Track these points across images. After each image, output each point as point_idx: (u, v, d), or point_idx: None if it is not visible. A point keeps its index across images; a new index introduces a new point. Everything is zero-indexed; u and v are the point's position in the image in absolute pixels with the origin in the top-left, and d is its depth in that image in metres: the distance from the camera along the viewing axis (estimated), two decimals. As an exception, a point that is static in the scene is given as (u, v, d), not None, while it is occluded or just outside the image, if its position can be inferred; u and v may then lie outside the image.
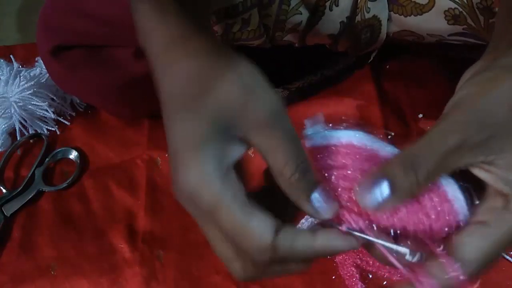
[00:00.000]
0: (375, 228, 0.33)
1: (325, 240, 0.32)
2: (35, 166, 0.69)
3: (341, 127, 0.34)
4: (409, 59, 0.74)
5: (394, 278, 0.52)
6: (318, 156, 0.34)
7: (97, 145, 0.72)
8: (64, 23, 0.59)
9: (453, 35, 0.55)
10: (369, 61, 0.71)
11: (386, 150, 0.34)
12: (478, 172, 0.31)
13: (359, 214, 0.33)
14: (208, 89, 0.31)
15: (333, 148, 0.34)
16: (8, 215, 0.66)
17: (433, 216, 0.32)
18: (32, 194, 0.67)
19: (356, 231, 0.33)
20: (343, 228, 0.33)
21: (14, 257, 0.63)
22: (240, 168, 0.34)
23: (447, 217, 0.32)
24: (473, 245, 0.31)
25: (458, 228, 0.32)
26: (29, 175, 0.68)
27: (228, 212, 0.30)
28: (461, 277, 0.30)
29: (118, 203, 0.66)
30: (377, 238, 0.32)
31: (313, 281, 0.57)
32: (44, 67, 0.73)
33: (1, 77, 0.73)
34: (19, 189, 0.67)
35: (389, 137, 0.35)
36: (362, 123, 0.34)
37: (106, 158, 0.71)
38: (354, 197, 0.32)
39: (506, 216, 0.30)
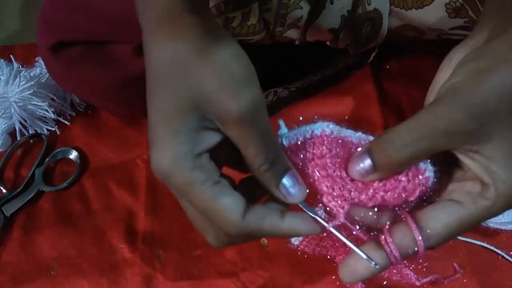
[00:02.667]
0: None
1: (291, 224, 0.34)
2: (35, 166, 0.69)
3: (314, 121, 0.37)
4: (409, 59, 0.74)
5: (394, 278, 0.52)
6: (297, 152, 0.37)
7: (97, 145, 0.72)
8: (64, 19, 0.59)
9: (454, 28, 0.55)
10: (369, 60, 0.71)
11: (357, 136, 0.37)
12: (462, 158, 0.33)
13: (339, 196, 0.35)
14: (189, 76, 0.32)
15: (309, 141, 0.36)
16: (8, 215, 0.66)
17: (408, 188, 0.35)
18: (32, 194, 0.67)
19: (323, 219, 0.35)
20: (329, 226, 0.35)
21: (14, 257, 0.63)
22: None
23: (419, 191, 0.35)
24: (441, 220, 0.33)
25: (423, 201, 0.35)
26: (29, 175, 0.68)
27: (198, 192, 0.32)
28: (420, 246, 0.33)
29: (118, 203, 0.66)
30: (342, 234, 0.35)
31: (313, 281, 0.57)
32: (44, 67, 0.73)
33: (1, 77, 0.72)
34: (19, 189, 0.67)
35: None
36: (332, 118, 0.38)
37: (106, 158, 0.71)
38: (333, 182, 0.36)
39: (480, 201, 0.32)
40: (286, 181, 0.35)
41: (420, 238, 0.33)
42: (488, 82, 0.31)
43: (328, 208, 0.36)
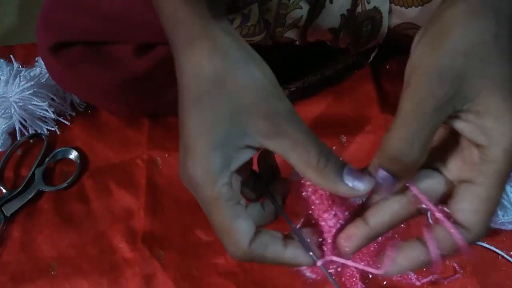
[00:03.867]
0: None
1: (293, 254, 0.35)
2: (35, 166, 0.69)
3: None
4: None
5: (394, 278, 0.52)
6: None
7: (97, 145, 0.72)
8: (64, 19, 0.59)
9: None
10: (369, 61, 0.71)
11: None
12: (455, 123, 0.32)
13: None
14: (229, 90, 0.33)
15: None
16: (8, 215, 0.66)
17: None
18: (32, 194, 0.67)
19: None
20: (319, 263, 0.36)
21: (14, 257, 0.63)
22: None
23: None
24: (467, 209, 0.32)
25: None
26: (29, 175, 0.68)
27: (219, 211, 0.34)
28: (464, 243, 0.32)
29: (118, 203, 0.66)
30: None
31: (313, 281, 0.57)
32: (44, 67, 0.73)
33: (1, 77, 0.72)
34: (19, 189, 0.67)
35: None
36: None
37: (106, 158, 0.71)
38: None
39: (485, 167, 0.31)
40: (348, 173, 0.33)
41: (460, 236, 0.32)
42: (445, 47, 0.31)
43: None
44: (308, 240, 0.37)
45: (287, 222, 0.38)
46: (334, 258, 0.36)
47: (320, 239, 0.37)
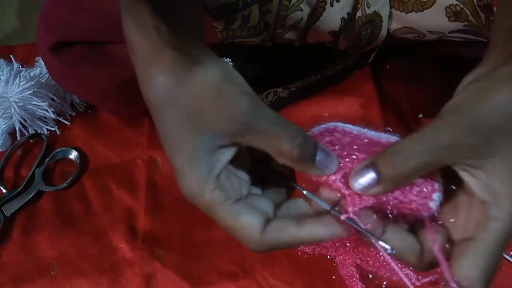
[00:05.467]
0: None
1: (310, 230, 0.35)
2: (35, 166, 0.69)
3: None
4: (409, 59, 0.74)
5: (394, 278, 0.52)
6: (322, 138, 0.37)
7: (97, 145, 0.72)
8: (64, 19, 0.59)
9: (454, 32, 0.55)
10: (369, 61, 0.71)
11: (381, 136, 0.37)
12: (464, 175, 0.33)
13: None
14: (179, 110, 0.34)
15: (332, 131, 0.37)
16: (8, 215, 0.66)
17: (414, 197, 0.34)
18: (32, 194, 0.67)
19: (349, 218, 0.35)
20: (343, 217, 0.34)
21: (14, 257, 0.63)
22: None
23: (423, 199, 0.34)
24: (468, 267, 0.33)
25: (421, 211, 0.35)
26: (29, 175, 0.68)
27: (220, 214, 0.34)
28: None
29: (118, 203, 0.66)
30: (366, 227, 0.34)
31: (313, 281, 0.57)
32: (44, 67, 0.73)
33: (1, 77, 0.73)
34: (19, 189, 0.67)
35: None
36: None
37: (106, 158, 0.71)
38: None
39: (489, 225, 0.32)
40: (319, 156, 0.35)
41: None
42: (489, 99, 0.31)
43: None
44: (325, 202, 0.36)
45: (299, 190, 0.37)
46: (357, 207, 0.35)
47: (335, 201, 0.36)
